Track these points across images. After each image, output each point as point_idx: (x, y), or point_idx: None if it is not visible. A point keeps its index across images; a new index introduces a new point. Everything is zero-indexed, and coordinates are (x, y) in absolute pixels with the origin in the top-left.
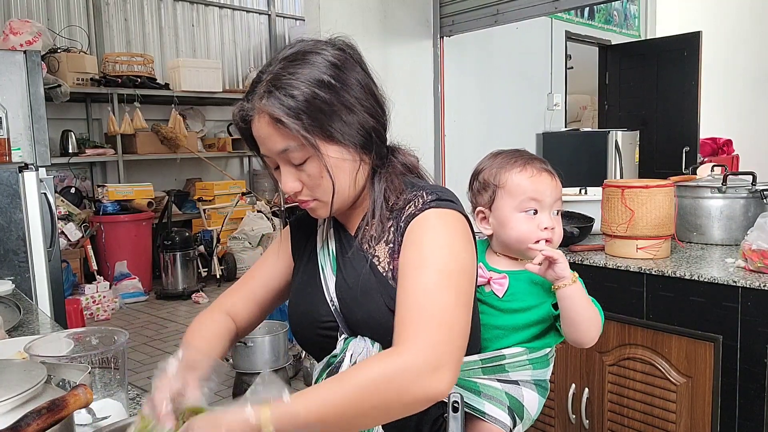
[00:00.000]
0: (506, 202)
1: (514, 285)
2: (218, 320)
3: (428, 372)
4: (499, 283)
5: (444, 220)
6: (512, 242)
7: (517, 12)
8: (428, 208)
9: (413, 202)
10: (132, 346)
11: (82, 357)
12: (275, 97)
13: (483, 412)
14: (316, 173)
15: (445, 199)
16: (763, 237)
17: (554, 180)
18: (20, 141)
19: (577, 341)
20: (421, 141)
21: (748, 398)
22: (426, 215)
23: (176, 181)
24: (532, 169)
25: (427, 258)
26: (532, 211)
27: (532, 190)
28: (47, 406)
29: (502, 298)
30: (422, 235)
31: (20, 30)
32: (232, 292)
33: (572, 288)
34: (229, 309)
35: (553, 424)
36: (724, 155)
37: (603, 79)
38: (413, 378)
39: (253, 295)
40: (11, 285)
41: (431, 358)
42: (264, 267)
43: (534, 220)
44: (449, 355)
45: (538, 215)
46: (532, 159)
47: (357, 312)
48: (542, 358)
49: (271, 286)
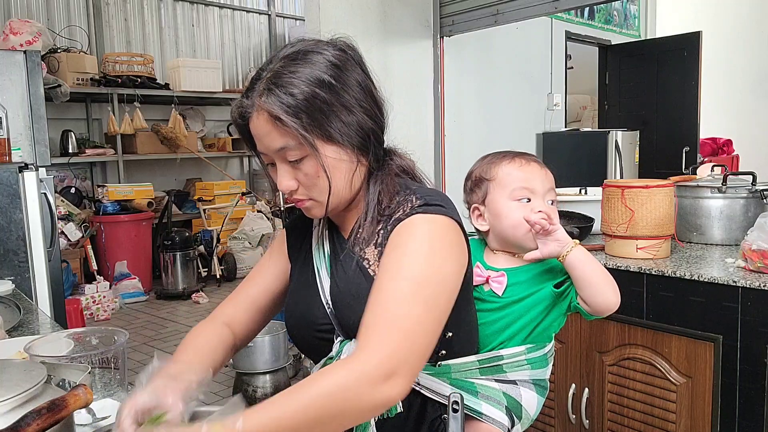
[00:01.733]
0: (499, 194)
1: (513, 281)
2: (214, 331)
3: (381, 379)
4: (498, 281)
5: (429, 227)
6: (508, 231)
7: (517, 12)
8: (415, 213)
9: (402, 206)
10: (132, 346)
11: (82, 357)
12: (275, 95)
13: (480, 413)
14: (313, 172)
15: (434, 204)
16: (763, 237)
17: (544, 169)
18: (20, 141)
19: (600, 305)
20: (421, 141)
21: (748, 398)
22: (412, 220)
23: (176, 181)
24: (520, 160)
25: (404, 266)
26: (525, 199)
27: (523, 179)
28: (47, 406)
29: (501, 296)
30: (404, 242)
31: (20, 30)
32: (231, 300)
33: (577, 251)
34: (228, 319)
35: (553, 424)
36: (724, 155)
37: (603, 79)
38: (366, 385)
39: (251, 301)
40: (11, 285)
41: (385, 365)
42: (261, 273)
43: (527, 207)
44: (405, 362)
45: (531, 203)
46: (521, 153)
47: (350, 315)
48: (541, 358)
49: (270, 290)
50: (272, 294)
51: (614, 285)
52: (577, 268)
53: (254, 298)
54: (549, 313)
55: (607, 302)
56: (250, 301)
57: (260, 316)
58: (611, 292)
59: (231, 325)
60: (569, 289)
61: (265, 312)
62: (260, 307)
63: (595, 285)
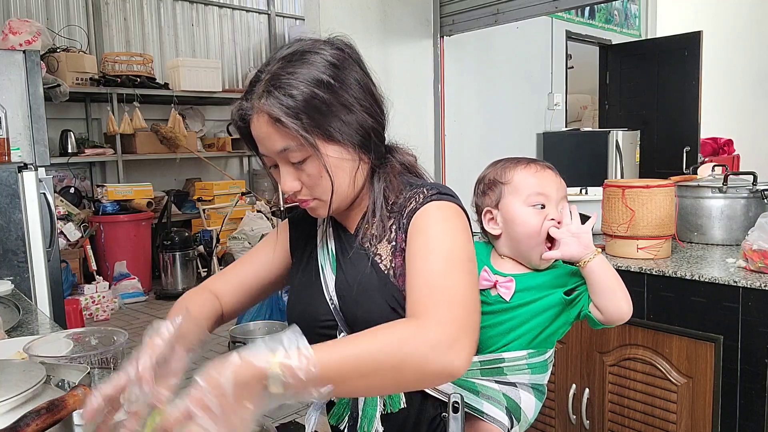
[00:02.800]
0: (514, 198)
1: (521, 287)
2: (206, 298)
3: (446, 345)
4: (506, 286)
5: (445, 212)
6: (522, 238)
7: (517, 11)
8: (429, 201)
9: (414, 199)
10: (131, 347)
11: (81, 357)
12: (274, 97)
13: (482, 412)
14: (316, 173)
15: (445, 193)
16: (763, 237)
17: (558, 177)
18: (19, 141)
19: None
20: (421, 141)
21: (748, 399)
22: (428, 208)
23: (176, 181)
24: (536, 166)
25: (434, 244)
26: (540, 205)
27: (538, 185)
28: (46, 406)
29: (509, 301)
30: (426, 226)
31: (19, 29)
32: (222, 275)
33: (600, 257)
34: (217, 290)
35: (553, 424)
36: (724, 155)
37: (603, 79)
38: (432, 349)
39: (240, 281)
40: (10, 285)
41: (448, 333)
42: (258, 256)
43: (542, 213)
44: (465, 330)
45: (546, 209)
46: (535, 159)
47: (356, 310)
48: (541, 364)
49: (262, 275)
50: (263, 281)
51: (628, 295)
52: (597, 275)
53: (243, 279)
54: (555, 319)
55: (620, 311)
56: (238, 281)
57: (247, 299)
58: (625, 301)
59: (219, 297)
60: (580, 296)
61: (252, 295)
62: (248, 290)
63: (612, 293)
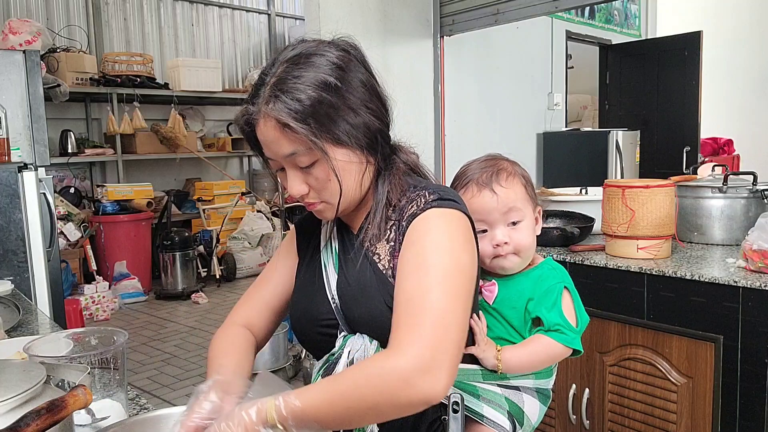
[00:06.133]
0: None
1: (503, 291)
2: (238, 334)
3: (420, 374)
4: (489, 289)
5: (445, 220)
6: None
7: (517, 11)
8: (430, 208)
9: (416, 202)
10: (131, 347)
11: (81, 357)
12: (282, 102)
13: (482, 415)
14: (324, 176)
15: (447, 198)
16: (763, 237)
17: (495, 196)
18: (19, 141)
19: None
20: (422, 140)
21: (748, 398)
22: (427, 215)
23: (176, 181)
24: (473, 188)
25: (427, 259)
26: (482, 230)
27: (476, 212)
28: (46, 406)
29: (491, 305)
30: (423, 236)
31: (19, 29)
32: (244, 303)
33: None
34: (245, 321)
35: (553, 424)
36: (724, 155)
37: (603, 79)
38: (404, 380)
39: (265, 303)
40: (10, 285)
41: (424, 361)
42: (273, 274)
43: (485, 238)
44: (444, 356)
45: (489, 233)
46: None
47: (356, 310)
48: (545, 369)
49: (282, 290)
50: (285, 294)
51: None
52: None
53: (267, 299)
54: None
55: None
56: (263, 302)
57: (275, 317)
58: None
59: (249, 328)
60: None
61: (279, 312)
62: (274, 308)
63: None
